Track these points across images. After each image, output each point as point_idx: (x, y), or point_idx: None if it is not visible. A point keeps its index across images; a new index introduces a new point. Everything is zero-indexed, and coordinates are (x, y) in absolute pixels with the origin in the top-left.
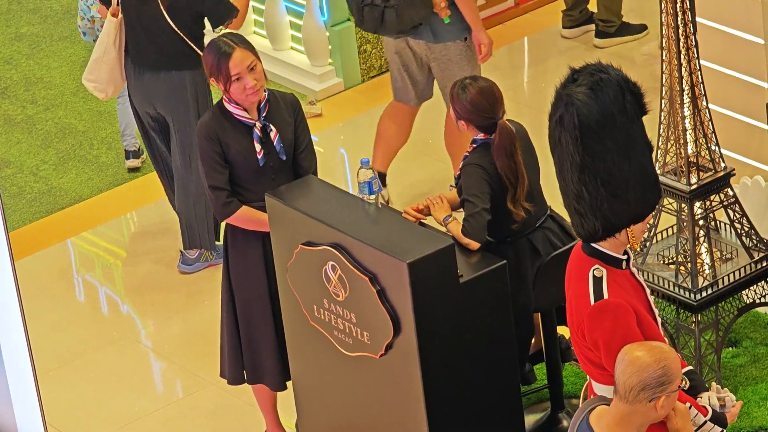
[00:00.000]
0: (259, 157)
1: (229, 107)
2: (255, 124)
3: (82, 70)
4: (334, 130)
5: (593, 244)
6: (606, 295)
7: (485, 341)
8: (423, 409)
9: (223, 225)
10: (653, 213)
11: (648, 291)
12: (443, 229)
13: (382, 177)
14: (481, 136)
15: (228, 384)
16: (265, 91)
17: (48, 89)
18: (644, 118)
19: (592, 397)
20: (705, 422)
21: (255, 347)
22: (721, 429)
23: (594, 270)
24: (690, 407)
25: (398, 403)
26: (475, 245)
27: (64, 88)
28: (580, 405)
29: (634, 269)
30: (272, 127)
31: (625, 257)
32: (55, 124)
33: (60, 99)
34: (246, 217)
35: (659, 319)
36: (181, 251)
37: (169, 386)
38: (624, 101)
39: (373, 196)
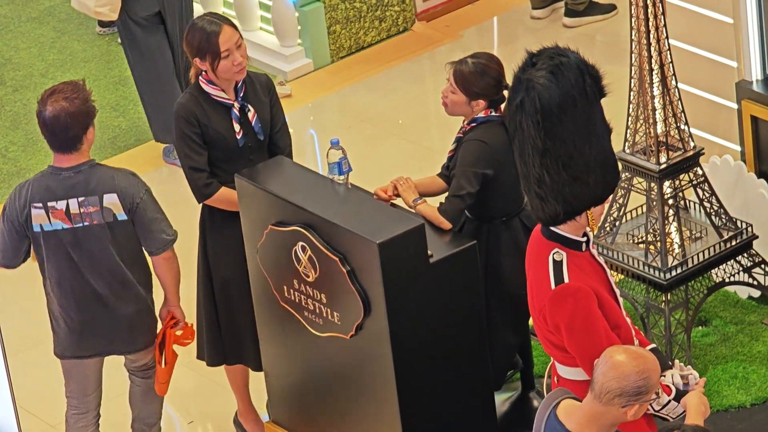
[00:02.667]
0: (239, 137)
1: (207, 88)
2: (233, 104)
3: (50, 51)
4: (303, 111)
5: (552, 228)
6: (566, 279)
7: (456, 321)
8: (394, 389)
9: (199, 206)
10: (612, 195)
11: (609, 272)
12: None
13: None
14: (482, 114)
15: (207, 366)
16: None
17: (16, 70)
18: (604, 99)
19: (554, 389)
20: (669, 401)
21: (235, 328)
22: (684, 409)
23: (554, 254)
24: None
25: (369, 383)
26: (447, 225)
27: (33, 69)
28: (544, 385)
29: (593, 251)
30: (250, 107)
31: (585, 239)
32: (23, 105)
33: (28, 80)
34: (225, 198)
35: (621, 300)
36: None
37: None
38: (584, 84)
39: (342, 177)
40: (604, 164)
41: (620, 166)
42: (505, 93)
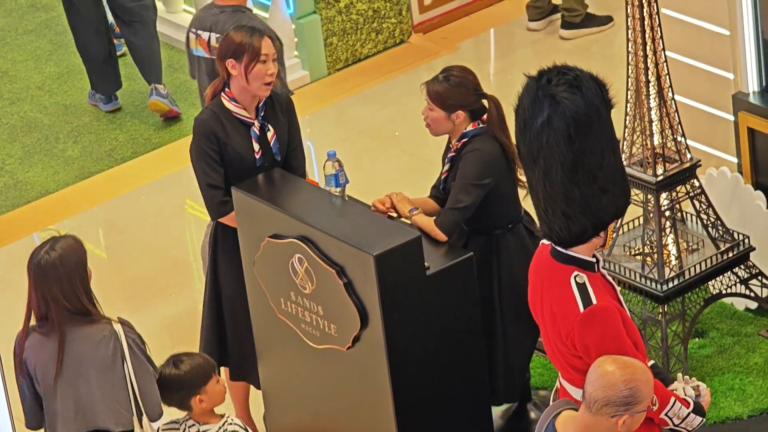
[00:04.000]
0: (257, 156)
1: (229, 105)
2: (253, 123)
3: (47, 64)
4: (300, 123)
5: (568, 251)
6: (594, 299)
7: (453, 333)
8: (390, 401)
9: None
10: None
11: (618, 291)
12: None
13: None
14: (471, 127)
15: None
16: None
17: (13, 83)
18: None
19: (557, 400)
20: (689, 414)
21: (241, 344)
22: (701, 419)
23: (575, 277)
24: (675, 402)
25: (365, 395)
26: (441, 237)
27: (30, 82)
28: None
29: (603, 270)
30: (270, 127)
31: (595, 260)
32: (20, 118)
33: (25, 93)
34: None
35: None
36: (153, 86)
37: None
38: (602, 94)
39: (339, 189)
40: (624, 174)
41: None
42: (485, 102)
